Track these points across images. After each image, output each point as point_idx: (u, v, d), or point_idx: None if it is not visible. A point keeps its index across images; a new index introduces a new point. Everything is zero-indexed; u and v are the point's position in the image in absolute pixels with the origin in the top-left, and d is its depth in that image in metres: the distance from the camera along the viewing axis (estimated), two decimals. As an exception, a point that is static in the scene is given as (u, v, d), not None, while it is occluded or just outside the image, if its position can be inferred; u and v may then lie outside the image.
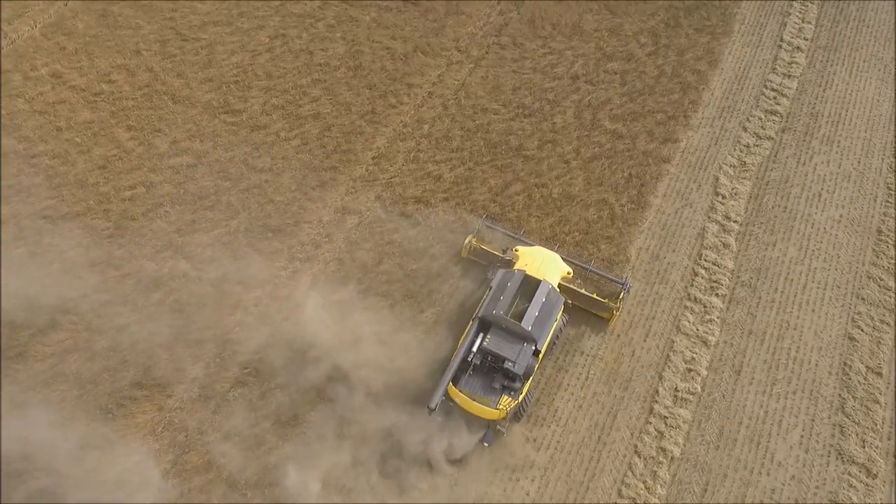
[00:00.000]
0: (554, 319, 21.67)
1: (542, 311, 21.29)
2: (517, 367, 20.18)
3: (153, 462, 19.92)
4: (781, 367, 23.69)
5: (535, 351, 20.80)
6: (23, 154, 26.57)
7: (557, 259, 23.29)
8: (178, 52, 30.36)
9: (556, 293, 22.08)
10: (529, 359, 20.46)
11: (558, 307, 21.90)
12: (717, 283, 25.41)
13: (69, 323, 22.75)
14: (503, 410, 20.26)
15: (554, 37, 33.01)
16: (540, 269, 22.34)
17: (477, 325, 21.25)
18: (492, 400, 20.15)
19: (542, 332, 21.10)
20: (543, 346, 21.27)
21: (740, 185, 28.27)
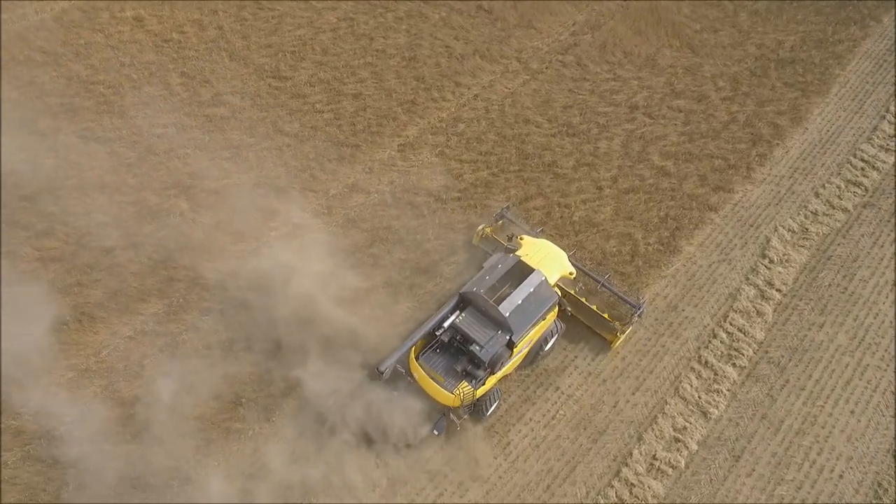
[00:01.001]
0: (541, 316, 18.58)
1: (527, 301, 18.36)
2: (483, 353, 17.45)
3: (86, 381, 18.63)
4: (794, 466, 18.93)
5: (509, 342, 17.82)
6: (84, 80, 27.16)
7: (563, 257, 20.28)
8: (250, 18, 30.39)
9: (549, 288, 18.97)
10: (500, 348, 17.59)
11: (549, 304, 18.77)
12: (738, 351, 21.06)
13: (63, 234, 22.42)
14: (458, 397, 17.55)
15: (623, 64, 30.10)
16: (540, 262, 19.46)
17: (455, 302, 18.82)
18: (449, 383, 17.60)
19: (522, 323, 18.04)
20: (520, 340, 18.24)
21: (795, 252, 23.70)
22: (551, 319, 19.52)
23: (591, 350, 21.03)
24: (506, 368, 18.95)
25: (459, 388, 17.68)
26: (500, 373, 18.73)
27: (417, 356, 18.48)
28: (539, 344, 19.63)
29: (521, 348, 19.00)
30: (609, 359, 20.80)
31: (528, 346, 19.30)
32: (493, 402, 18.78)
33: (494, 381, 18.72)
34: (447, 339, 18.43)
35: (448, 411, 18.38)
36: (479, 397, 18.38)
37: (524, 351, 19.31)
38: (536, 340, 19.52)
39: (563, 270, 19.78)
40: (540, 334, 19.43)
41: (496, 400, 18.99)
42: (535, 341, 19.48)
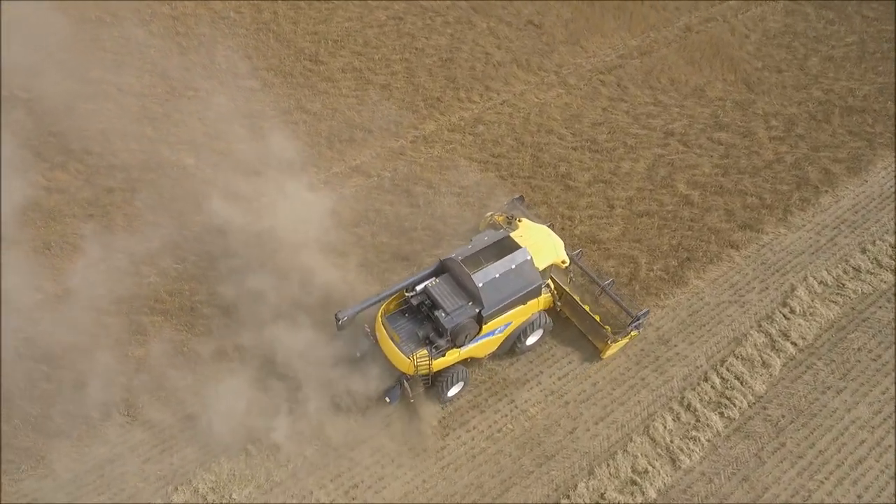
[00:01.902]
0: (519, 297, 16.95)
1: (505, 277, 16.64)
2: (447, 320, 16.13)
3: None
4: (771, 544, 15.58)
5: (477, 315, 16.36)
6: (140, 42, 28.60)
7: (559, 246, 18.48)
8: (305, 7, 31.19)
9: (533, 270, 17.11)
10: (466, 319, 16.20)
11: (530, 287, 17.08)
12: (730, 401, 18.09)
13: (74, 170, 23.26)
14: (413, 364, 16.07)
15: (666, 91, 28.08)
16: (531, 243, 17.53)
17: (435, 267, 17.55)
18: (407, 346, 16.34)
19: (496, 299, 16.51)
20: (491, 316, 16.77)
21: (824, 307, 20.44)
22: (535, 308, 17.68)
23: (560, 369, 19.00)
24: (473, 348, 17.23)
25: (416, 355, 16.04)
26: (465, 350, 17.01)
27: (384, 315, 17.04)
28: (518, 332, 17.76)
29: (495, 329, 17.28)
30: (578, 381, 18.43)
31: (503, 331, 17.50)
32: (454, 382, 17.02)
33: (457, 357, 16.85)
34: (416, 303, 16.97)
35: (403, 379, 16.75)
36: (436, 371, 16.63)
37: (498, 335, 17.46)
38: (516, 328, 17.70)
39: (556, 258, 17.93)
40: (521, 322, 17.62)
41: (459, 382, 17.26)
42: (515, 329, 17.68)
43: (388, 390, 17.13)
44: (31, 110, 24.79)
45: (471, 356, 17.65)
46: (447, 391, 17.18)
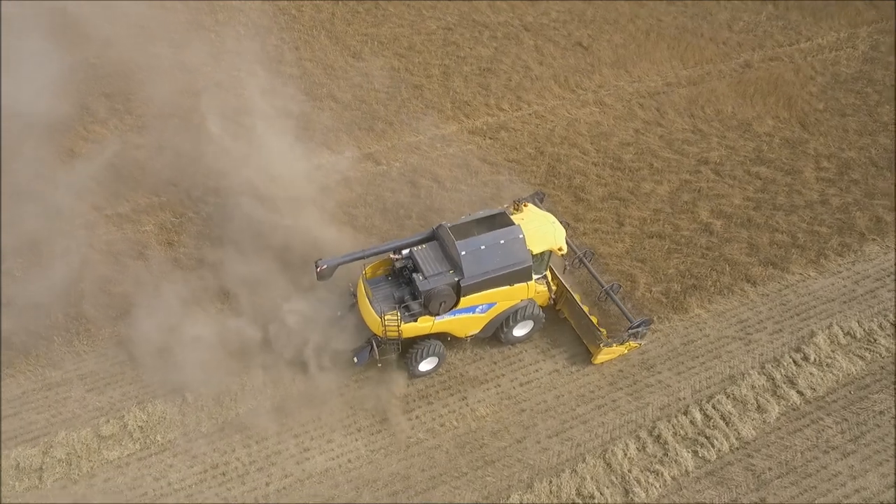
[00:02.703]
0: (504, 276, 16.14)
1: (491, 251, 15.90)
2: (423, 283, 15.61)
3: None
4: None
5: (456, 284, 15.66)
6: (204, 27, 30.91)
7: (559, 234, 17.19)
8: (362, 11, 32.59)
9: (523, 250, 16.22)
10: (442, 286, 15.55)
11: (517, 266, 16.18)
12: (709, 440, 16.04)
13: (112, 126, 25.19)
14: (383, 324, 15.58)
15: (709, 121, 26.55)
16: (529, 226, 16.65)
17: (427, 234, 17.08)
18: (381, 307, 15.88)
19: (477, 271, 15.83)
20: (471, 288, 16.01)
21: (847, 360, 17.97)
22: (524, 294, 16.71)
23: (525, 375, 17.75)
24: (450, 322, 16.43)
25: (386, 315, 15.47)
26: (441, 322, 16.21)
27: (366, 278, 16.65)
28: (504, 317, 16.82)
29: (476, 306, 16.40)
30: (541, 390, 17.04)
31: (486, 311, 16.58)
32: (426, 355, 16.29)
33: (430, 327, 16.12)
34: (399, 266, 16.53)
35: (373, 340, 16.22)
36: (405, 337, 15.94)
37: (480, 314, 16.58)
38: (502, 312, 16.75)
39: (552, 244, 16.79)
40: (507, 306, 16.65)
41: (433, 356, 16.50)
42: (500, 312, 16.74)
43: (358, 351, 16.56)
44: (95, 74, 26.75)
45: (448, 332, 16.72)
46: (417, 363, 16.38)
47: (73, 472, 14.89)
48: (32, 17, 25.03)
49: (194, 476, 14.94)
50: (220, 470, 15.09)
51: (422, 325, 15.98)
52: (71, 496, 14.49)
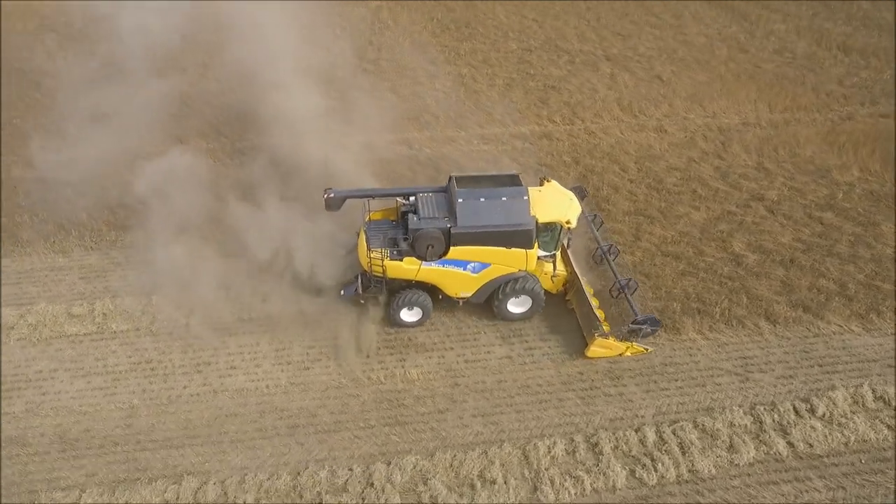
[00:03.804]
0: (499, 234, 15.71)
1: (491, 205, 15.65)
2: (413, 222, 15.60)
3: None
4: None
5: (447, 230, 15.48)
6: (311, 23, 34.39)
7: (574, 211, 16.52)
8: (452, 27, 34.82)
9: (526, 212, 15.73)
10: (432, 228, 15.44)
11: (517, 228, 15.66)
12: (654, 463, 14.41)
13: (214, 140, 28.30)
14: (368, 259, 15.84)
15: (780, 161, 24.50)
16: (543, 196, 16.46)
17: (440, 187, 17.13)
18: (373, 243, 15.98)
19: (470, 222, 15.56)
20: (461, 238, 15.75)
21: (867, 425, 15.20)
22: (522, 263, 16.14)
23: (474, 354, 16.79)
24: (439, 274, 16.16)
25: (373, 250, 15.67)
26: (427, 269, 16.02)
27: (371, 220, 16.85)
28: (498, 284, 16.35)
29: (468, 263, 16.03)
30: (484, 372, 16.08)
31: (478, 271, 16.20)
32: (407, 304, 16.23)
33: (416, 272, 15.99)
34: (403, 211, 16.70)
35: (360, 275, 16.51)
36: (390, 277, 16.04)
37: (472, 273, 16.16)
38: (496, 278, 16.28)
39: (560, 216, 16.08)
40: (503, 272, 16.20)
41: (415, 308, 16.43)
42: (494, 278, 16.27)
43: (346, 284, 16.82)
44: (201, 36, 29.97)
45: (437, 285, 16.35)
46: (398, 309, 16.26)
47: (34, 336, 16.39)
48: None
49: (127, 364, 15.78)
50: (151, 366, 15.78)
51: (407, 266, 15.81)
52: (23, 355, 16.16)
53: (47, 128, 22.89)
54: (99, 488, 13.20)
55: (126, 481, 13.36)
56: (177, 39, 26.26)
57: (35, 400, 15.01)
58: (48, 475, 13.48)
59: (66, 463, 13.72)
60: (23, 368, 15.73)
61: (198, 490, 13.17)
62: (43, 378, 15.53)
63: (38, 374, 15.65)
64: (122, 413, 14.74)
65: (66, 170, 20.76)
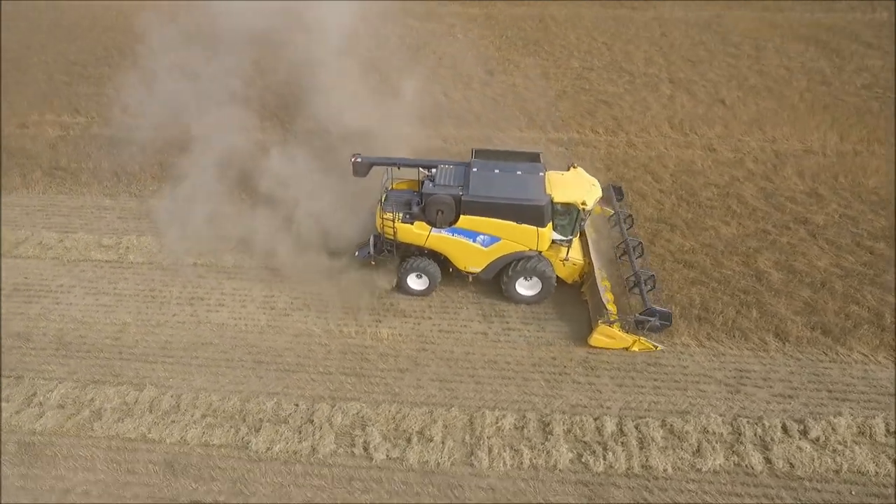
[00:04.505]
0: (510, 207, 15.61)
1: (505, 178, 15.89)
2: (426, 187, 15.94)
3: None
4: None
5: (458, 197, 15.62)
6: (378, 34, 37.06)
7: (592, 195, 16.25)
8: (519, 43, 35.90)
9: (541, 191, 15.73)
10: (444, 195, 15.62)
11: (529, 202, 15.55)
12: (605, 452, 13.81)
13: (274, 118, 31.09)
14: (380, 220, 16.44)
15: (837, 189, 22.97)
16: (564, 178, 16.54)
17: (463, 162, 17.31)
18: (388, 206, 16.43)
19: (482, 192, 15.65)
20: (471, 208, 15.84)
21: (869, 457, 13.73)
22: (532, 242, 16.03)
23: (451, 325, 16.84)
24: (449, 244, 16.34)
25: (387, 214, 16.15)
26: (436, 236, 16.25)
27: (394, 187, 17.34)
28: (507, 262, 16.30)
29: (478, 234, 16.09)
30: (456, 343, 16.13)
31: (488, 245, 16.21)
32: (414, 269, 16.50)
33: (425, 238, 16.27)
34: (422, 179, 16.90)
35: (373, 238, 17.01)
36: (400, 240, 16.47)
37: (481, 246, 16.19)
38: (505, 255, 16.25)
39: (577, 198, 15.83)
40: (513, 249, 16.13)
41: (423, 276, 16.70)
42: (504, 254, 16.25)
43: (361, 245, 17.51)
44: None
45: (446, 254, 16.47)
46: (406, 276, 16.58)
47: (66, 257, 18.55)
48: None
49: (132, 290, 17.40)
50: (152, 294, 17.32)
51: (417, 231, 16.08)
52: (51, 271, 18.34)
53: (131, 97, 25.78)
54: (74, 383, 14.42)
55: (98, 382, 14.50)
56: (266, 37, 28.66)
57: (49, 307, 16.77)
58: (38, 367, 14.95)
59: (56, 360, 15.16)
60: (48, 281, 17.64)
61: (155, 399, 14.04)
62: (61, 291, 17.33)
63: (59, 286, 17.49)
64: (115, 328, 16.08)
65: (135, 131, 23.39)
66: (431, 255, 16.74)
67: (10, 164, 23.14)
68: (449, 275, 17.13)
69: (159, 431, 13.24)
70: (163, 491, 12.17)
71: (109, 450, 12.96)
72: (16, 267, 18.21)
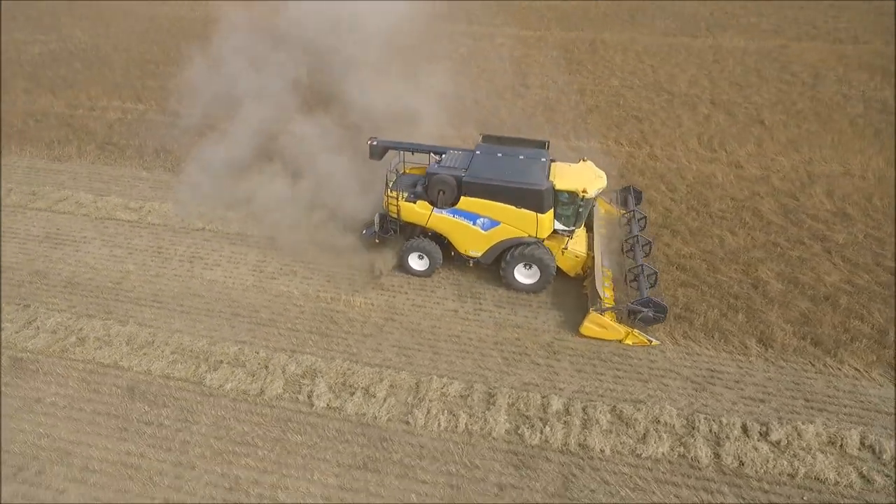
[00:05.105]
0: (510, 190, 15.80)
1: (506, 162, 16.18)
2: (431, 167, 16.52)
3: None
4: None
5: (458, 179, 16.06)
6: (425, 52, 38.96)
7: (594, 185, 16.27)
8: (563, 62, 36.72)
9: (542, 176, 15.87)
10: (447, 175, 16.08)
11: (528, 186, 15.71)
12: (543, 426, 13.82)
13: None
14: (386, 199, 17.15)
15: (870, 211, 21.83)
16: (570, 168, 16.90)
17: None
18: (394, 186, 17.16)
19: (483, 173, 16.02)
20: (471, 189, 16.21)
21: (831, 466, 13.02)
22: (531, 228, 16.13)
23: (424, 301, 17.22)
24: (449, 225, 16.76)
25: (393, 193, 16.83)
26: (437, 217, 16.73)
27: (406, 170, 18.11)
28: (506, 247, 16.46)
29: (477, 217, 16.40)
30: (423, 317, 16.47)
31: (487, 229, 16.48)
32: (416, 249, 16.99)
33: (427, 218, 16.78)
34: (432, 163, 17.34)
35: (379, 216, 17.63)
36: (403, 219, 17.06)
37: (480, 229, 16.47)
38: (504, 240, 16.45)
39: (578, 185, 15.91)
40: (512, 234, 16.31)
41: (424, 257, 17.13)
42: (502, 239, 16.46)
43: (369, 224, 17.97)
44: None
45: (448, 237, 16.85)
46: (407, 254, 17.06)
47: (95, 214, 20.75)
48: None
49: (143, 246, 19.19)
50: (159, 251, 19.05)
51: (420, 210, 16.55)
52: (79, 225, 20.51)
53: (184, 90, 28.22)
54: (70, 315, 16.04)
55: (90, 316, 16.05)
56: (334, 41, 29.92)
57: (69, 253, 18.74)
58: (45, 299, 16.73)
59: (62, 295, 16.92)
60: (75, 233, 19.73)
61: (134, 334, 15.37)
62: (83, 241, 19.33)
63: (82, 238, 19.51)
64: (119, 275, 17.74)
65: (183, 118, 25.75)
66: (435, 238, 17.13)
67: (72, 137, 26.00)
68: (450, 258, 17.38)
69: (129, 361, 14.37)
70: (118, 410, 13.18)
71: (83, 371, 14.20)
72: (52, 219, 20.39)
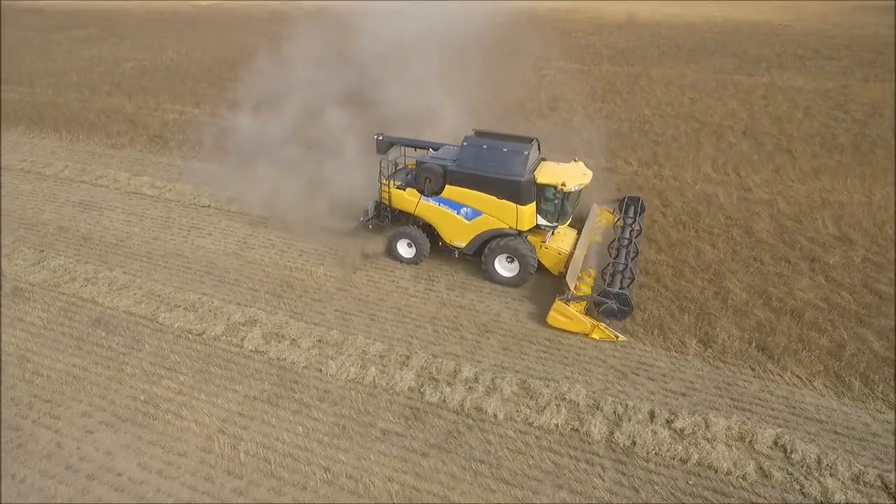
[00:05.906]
0: (491, 180, 16.30)
1: (490, 154, 16.44)
2: (422, 158, 17.47)
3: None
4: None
5: (444, 167, 16.71)
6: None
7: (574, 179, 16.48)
8: (600, 91, 37.88)
9: (523, 168, 16.11)
10: (434, 165, 16.76)
11: (509, 177, 16.08)
12: (446, 387, 14.78)
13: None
14: (380, 187, 18.18)
15: (872, 236, 20.62)
16: (557, 167, 17.16)
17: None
18: (393, 178, 18.10)
19: (467, 163, 16.57)
20: (455, 178, 16.85)
21: (733, 458, 12.54)
22: (511, 220, 16.51)
23: (380, 277, 18.18)
24: (434, 213, 17.49)
25: (385, 180, 17.80)
26: (424, 205, 17.51)
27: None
28: (487, 237, 16.98)
29: (461, 206, 17.07)
30: (374, 290, 17.51)
31: (471, 219, 17.02)
32: (403, 236, 17.76)
33: (415, 206, 17.57)
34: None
35: (374, 204, 18.56)
36: (394, 207, 18.08)
37: (464, 219, 17.07)
38: (486, 231, 16.96)
39: (557, 180, 16.17)
40: (493, 225, 16.83)
41: (412, 246, 17.90)
42: (484, 230, 16.96)
43: (367, 212, 18.71)
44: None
45: (435, 226, 17.58)
46: (395, 241, 17.92)
47: (124, 189, 23.82)
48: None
49: (153, 216, 21.82)
50: (166, 221, 21.54)
51: (408, 197, 17.42)
52: (110, 196, 23.36)
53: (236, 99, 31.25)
54: (72, 260, 18.64)
55: (87, 262, 18.55)
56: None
57: (94, 218, 21.66)
58: (57, 248, 19.48)
59: (72, 246, 19.62)
60: (103, 202, 22.77)
61: (115, 278, 17.60)
62: (108, 209, 22.26)
63: (108, 206, 22.49)
64: (124, 234, 20.32)
65: (225, 120, 28.55)
66: (425, 228, 17.97)
67: (129, 130, 29.79)
68: (438, 249, 18.10)
69: (104, 298, 16.48)
70: (80, 333, 15.19)
71: (65, 303, 16.43)
72: (89, 190, 23.59)
